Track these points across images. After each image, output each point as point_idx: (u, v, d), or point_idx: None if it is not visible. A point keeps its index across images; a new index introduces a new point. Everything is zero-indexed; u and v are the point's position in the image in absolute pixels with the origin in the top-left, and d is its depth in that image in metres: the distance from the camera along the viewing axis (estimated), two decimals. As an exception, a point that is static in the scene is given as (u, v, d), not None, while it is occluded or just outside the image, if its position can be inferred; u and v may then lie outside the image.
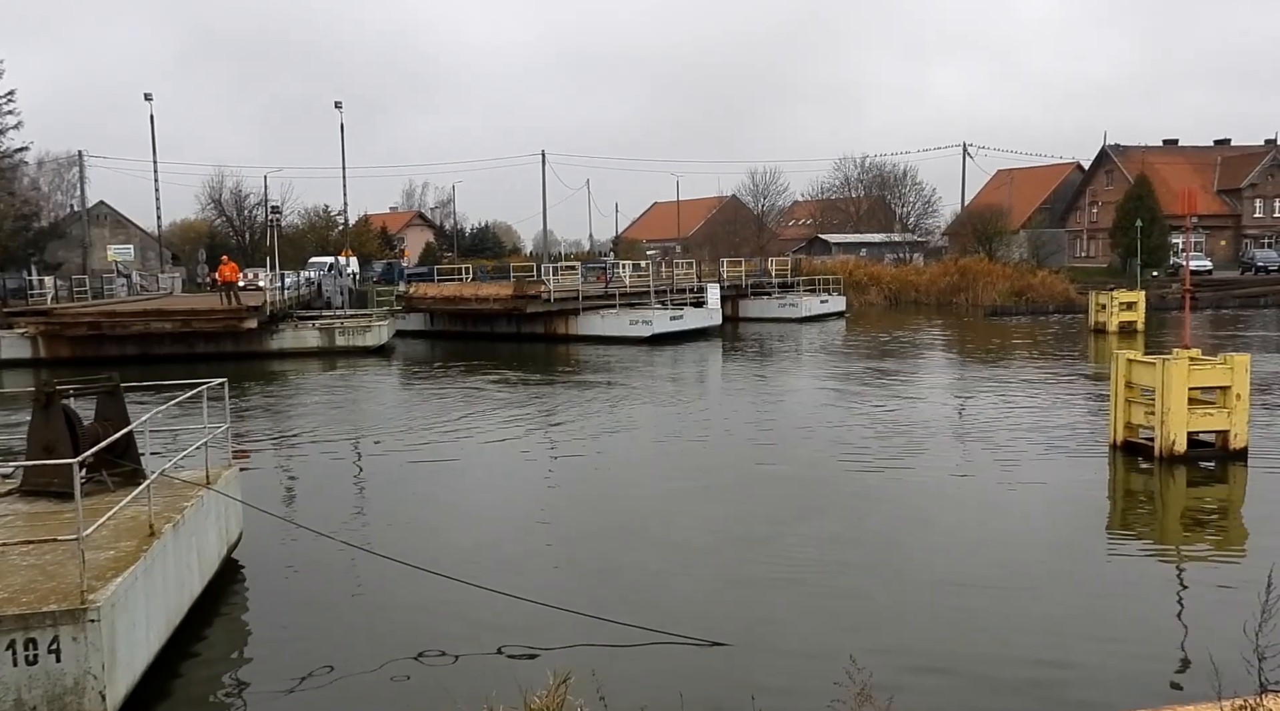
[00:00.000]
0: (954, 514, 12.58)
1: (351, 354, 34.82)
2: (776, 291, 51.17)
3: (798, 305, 48.34)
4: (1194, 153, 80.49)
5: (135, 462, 10.19)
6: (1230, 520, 12.86)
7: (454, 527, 12.40)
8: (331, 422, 20.74)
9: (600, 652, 8.17)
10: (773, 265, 56.14)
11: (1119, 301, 38.68)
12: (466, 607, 9.17)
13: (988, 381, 25.24)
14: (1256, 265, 64.66)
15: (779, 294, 50.87)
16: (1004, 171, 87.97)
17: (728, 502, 13.21)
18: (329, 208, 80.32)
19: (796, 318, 47.25)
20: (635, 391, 24.56)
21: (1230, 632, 5.79)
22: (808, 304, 48.99)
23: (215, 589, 9.89)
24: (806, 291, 52.04)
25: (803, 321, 46.52)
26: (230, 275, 35.56)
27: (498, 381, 27.01)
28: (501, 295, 38.34)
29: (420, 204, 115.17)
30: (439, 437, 18.55)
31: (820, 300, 50.95)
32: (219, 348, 33.39)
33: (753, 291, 50.32)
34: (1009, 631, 8.59)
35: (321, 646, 8.61)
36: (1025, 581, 9.89)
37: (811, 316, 48.09)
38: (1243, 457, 14.68)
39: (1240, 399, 14.67)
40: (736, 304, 48.86)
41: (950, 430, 18.54)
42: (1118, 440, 15.64)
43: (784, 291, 51.42)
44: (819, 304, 50.25)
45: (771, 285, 51.99)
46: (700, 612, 9.05)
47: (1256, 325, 41.97)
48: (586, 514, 13.08)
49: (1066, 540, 11.44)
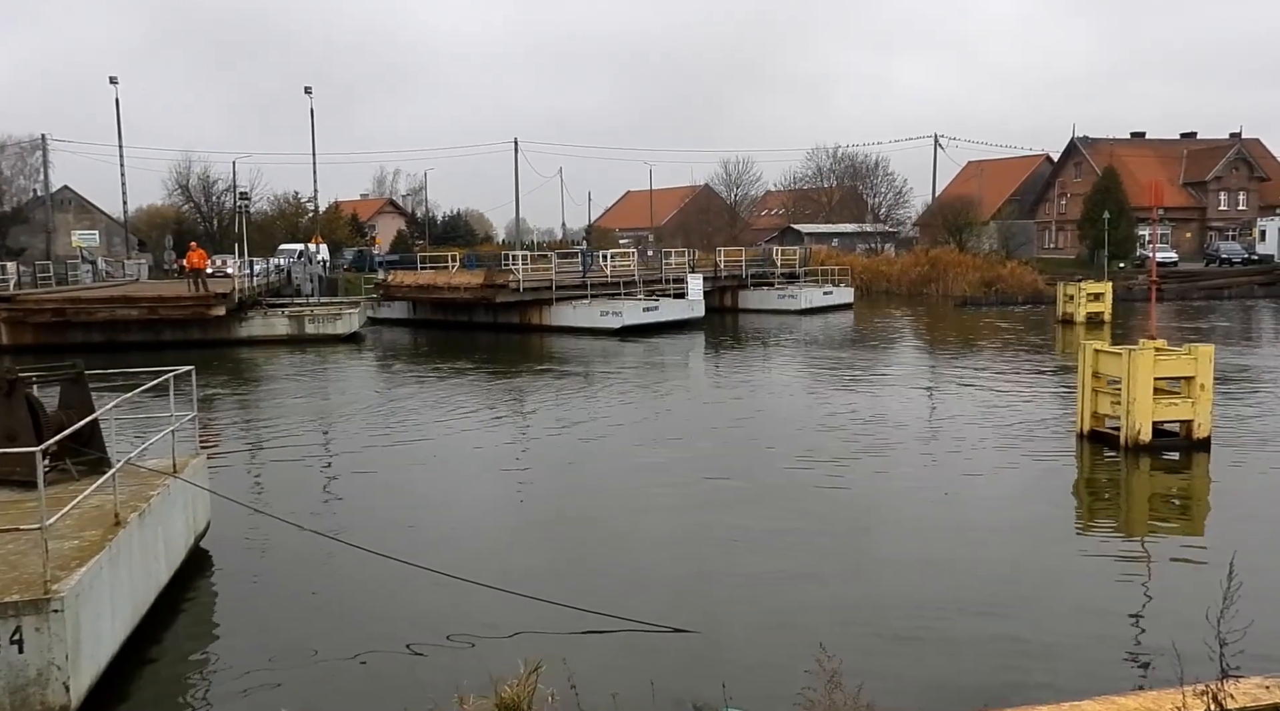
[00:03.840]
0: (921, 502, 12.67)
1: (322, 342, 34.54)
2: (779, 282, 49.64)
3: (797, 297, 46.83)
4: (1161, 145, 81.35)
5: (100, 451, 10.06)
6: (1194, 508, 13.07)
7: (423, 517, 12.34)
8: (301, 411, 20.57)
9: (571, 641, 8.17)
10: (778, 254, 53.90)
11: (1086, 292, 39.13)
12: (437, 597, 9.14)
13: (956, 372, 25.45)
14: (1221, 257, 65.48)
15: (781, 285, 49.23)
16: (974, 163, 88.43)
17: (694, 494, 13.20)
18: (299, 194, 79.67)
19: (796, 310, 45.81)
20: (594, 384, 24.54)
21: (1193, 618, 5.88)
22: (809, 295, 47.40)
23: (182, 578, 9.79)
24: (810, 282, 50.42)
25: (803, 314, 45.05)
26: (198, 262, 35.20)
27: (459, 372, 26.92)
28: (473, 284, 38.02)
29: (392, 191, 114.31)
30: (408, 427, 18.45)
31: (824, 291, 49.19)
32: (186, 335, 33.00)
33: (754, 282, 48.79)
34: (974, 617, 8.67)
35: (290, 636, 8.55)
36: (990, 569, 10.00)
37: (813, 309, 46.49)
38: (1206, 447, 14.91)
39: (1204, 389, 14.89)
40: (736, 295, 47.73)
41: (918, 421, 18.68)
42: (1085, 430, 15.83)
43: (788, 282, 49.84)
44: (821, 295, 48.54)
45: (776, 275, 50.41)
46: (671, 601, 9.08)
47: (1220, 316, 42.60)
48: (555, 504, 13.07)
49: (1032, 528, 11.56)
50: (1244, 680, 5.21)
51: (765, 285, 48.97)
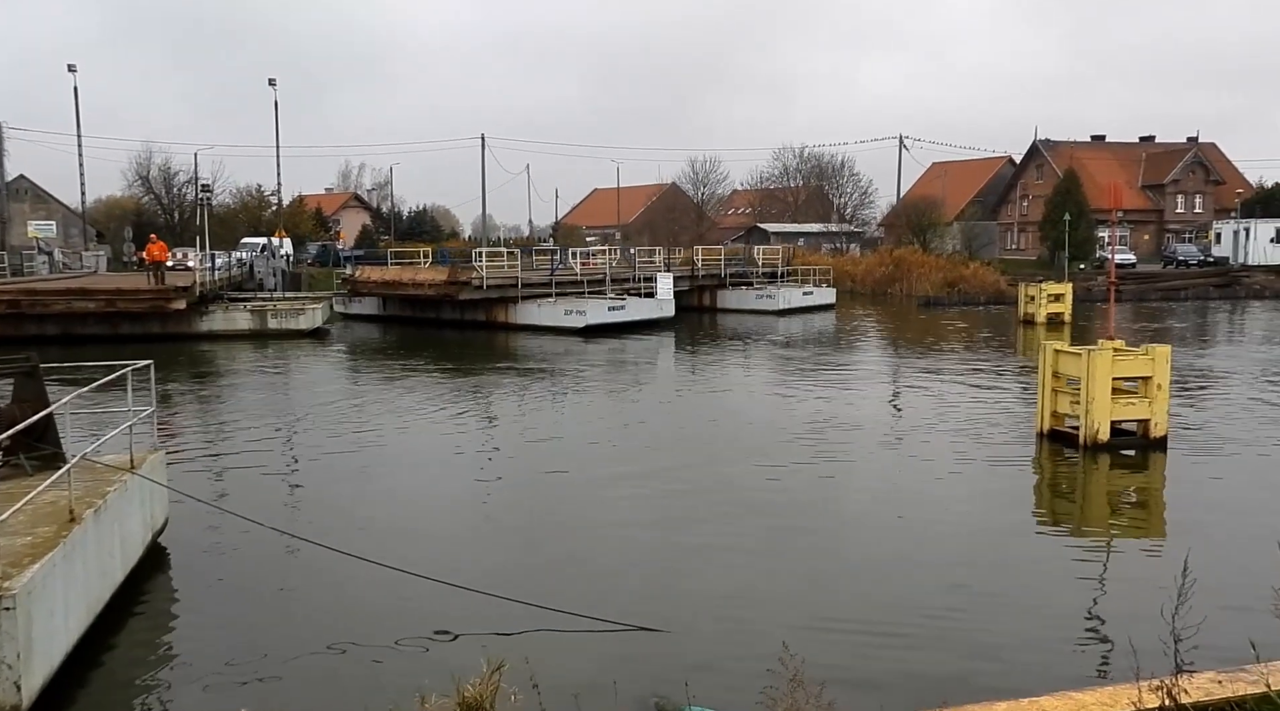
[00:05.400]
0: (882, 502, 12.76)
1: (284, 337, 34.17)
2: (758, 282, 48.96)
3: (775, 297, 46.10)
4: (1120, 148, 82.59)
5: (55, 446, 9.88)
6: (1150, 506, 13.27)
7: (385, 515, 12.23)
8: (262, 407, 20.33)
9: (534, 640, 8.14)
10: (760, 254, 53.22)
11: (1047, 293, 39.59)
12: (398, 595, 9.07)
13: (918, 372, 25.66)
14: (1178, 259, 66.69)
15: (760, 285, 48.57)
16: (939, 163, 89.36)
17: (657, 493, 13.18)
18: (262, 187, 78.78)
19: (774, 310, 45.08)
20: (554, 383, 24.49)
21: (1149, 615, 5.96)
22: (787, 295, 46.65)
23: (139, 576, 9.64)
24: (790, 283, 49.98)
25: (781, 314, 44.29)
26: (158, 254, 34.79)
27: (416, 370, 26.75)
28: (436, 281, 37.71)
29: (357, 185, 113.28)
30: (370, 424, 18.30)
31: (803, 292, 48.54)
32: (145, 329, 32.51)
33: (732, 282, 48.29)
34: (934, 616, 8.73)
35: (249, 634, 8.44)
36: (950, 567, 10.08)
37: (792, 309, 45.68)
38: (1162, 446, 15.15)
39: (1161, 389, 15.12)
40: (715, 294, 47.41)
41: (880, 420, 18.82)
42: (1045, 429, 16.02)
43: (768, 282, 49.18)
44: (801, 296, 47.83)
45: (756, 275, 49.80)
46: (634, 599, 9.07)
47: (1177, 317, 43.31)
48: (518, 503, 13.02)
49: (991, 526, 11.69)
50: (1198, 674, 5.29)
51: (744, 285, 48.45)
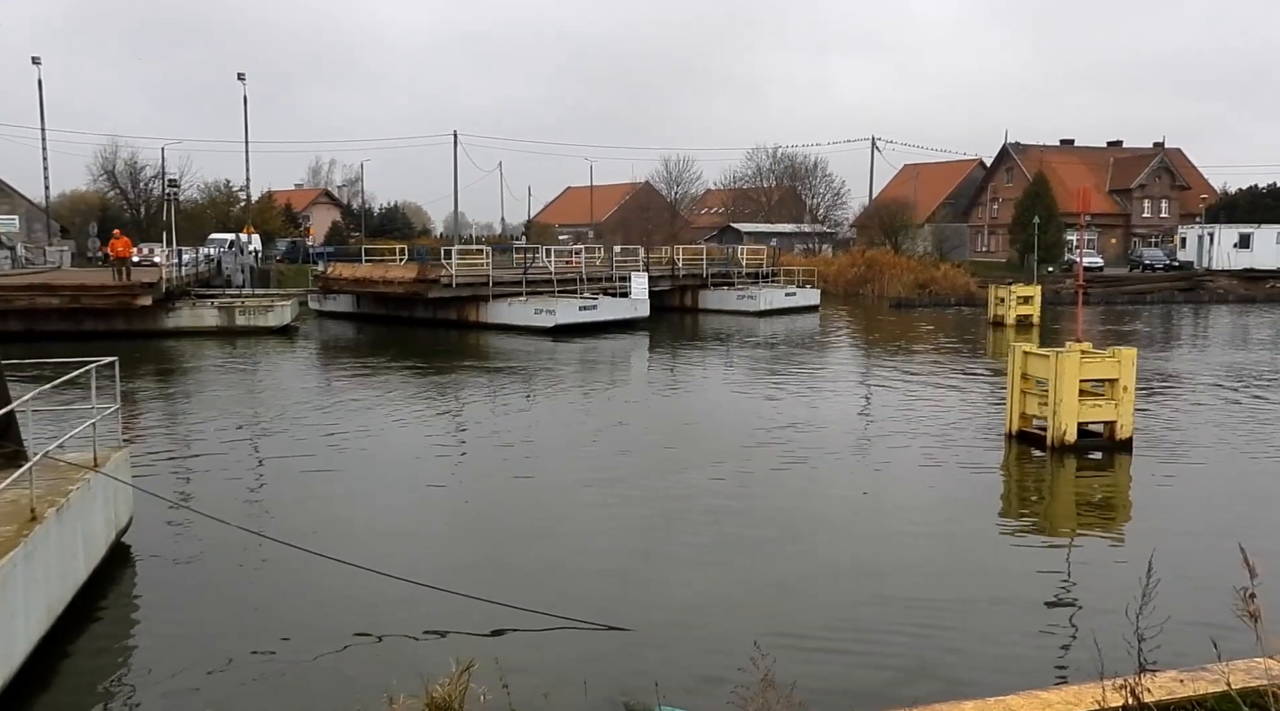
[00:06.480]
0: (850, 501, 12.85)
1: (252, 334, 33.85)
2: (740, 282, 48.45)
3: (756, 298, 45.61)
4: (1089, 153, 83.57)
5: (17, 444, 9.74)
6: (1115, 507, 13.45)
7: (353, 514, 12.15)
8: (228, 405, 20.13)
9: (503, 640, 8.12)
10: (743, 253, 52.61)
11: (1017, 296, 39.97)
12: (367, 595, 9.01)
13: (888, 373, 25.84)
14: (1144, 263, 67.48)
15: (741, 285, 48.06)
16: (911, 166, 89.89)
17: (625, 496, 13.13)
18: (230, 183, 77.96)
19: (754, 311, 44.53)
20: (526, 383, 24.44)
21: (1113, 615, 6.04)
22: (769, 296, 46.16)
23: (102, 576, 9.52)
24: (773, 283, 49.66)
25: (761, 315, 43.77)
26: (123, 250, 34.45)
27: (380, 369, 26.59)
28: (406, 278, 37.41)
29: (327, 182, 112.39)
30: (338, 422, 18.16)
31: (785, 293, 47.96)
32: (110, 325, 32.05)
33: (714, 282, 47.76)
34: (898, 615, 8.80)
35: (214, 635, 8.36)
36: (915, 566, 10.16)
37: (773, 310, 45.07)
38: (1128, 448, 15.35)
39: (1127, 391, 15.32)
40: (696, 295, 47.08)
41: (849, 420, 18.94)
42: (1013, 430, 16.19)
43: (751, 282, 48.61)
44: (783, 296, 47.26)
45: (739, 275, 49.26)
46: (603, 599, 9.07)
47: (1143, 321, 43.92)
48: (487, 502, 12.97)
49: (958, 526, 11.79)
50: (1160, 673, 5.36)
51: (726, 285, 48.07)
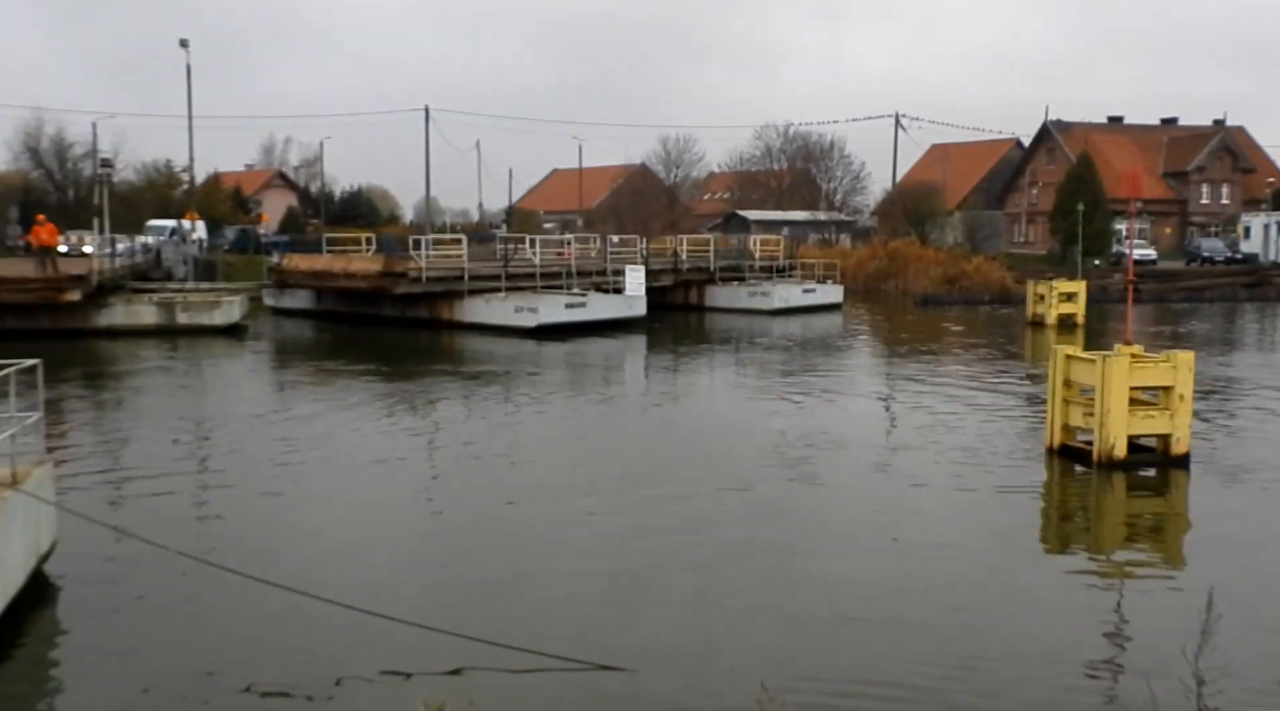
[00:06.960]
0: (875, 522, 12.81)
1: (195, 334, 33.83)
2: (752, 277, 48.21)
3: (770, 295, 45.15)
4: (1139, 131, 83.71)
5: (-76, 459, 9.67)
6: (1170, 533, 13.40)
7: (310, 538, 12.09)
8: (167, 414, 20.05)
9: (480, 678, 8.09)
10: (756, 245, 52.12)
11: (1059, 292, 40.01)
12: (327, 629, 8.96)
13: (915, 379, 25.82)
14: (1202, 255, 67.03)
15: (754, 280, 47.77)
16: (939, 146, 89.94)
17: (618, 520, 13.04)
18: (172, 163, 77.95)
19: (768, 310, 44.11)
20: (510, 392, 24.42)
21: (1168, 654, 6.02)
22: (784, 294, 45.64)
23: (20, 608, 9.44)
24: (787, 278, 49.31)
25: (775, 314, 43.41)
26: (48, 238, 34.39)
27: (332, 375, 26.52)
28: (370, 271, 37.03)
29: (282, 162, 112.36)
30: (291, 433, 18.09)
31: (804, 289, 47.52)
32: (33, 323, 31.95)
33: (723, 277, 47.46)
34: (931, 651, 8.76)
35: (151, 676, 8.30)
36: (949, 597, 10.12)
37: (789, 309, 44.58)
38: (1184, 464, 15.28)
39: (1184, 400, 15.26)
40: (703, 291, 46.69)
41: (874, 432, 18.93)
42: (1054, 444, 16.15)
43: (765, 277, 48.47)
44: (800, 293, 46.78)
45: (753, 268, 49.13)
46: (594, 635, 9.02)
47: (1201, 320, 43.97)
48: (461, 525, 12.92)
49: (995, 552, 11.76)
50: (1222, 722, 5.35)
51: (737, 280, 47.75)
